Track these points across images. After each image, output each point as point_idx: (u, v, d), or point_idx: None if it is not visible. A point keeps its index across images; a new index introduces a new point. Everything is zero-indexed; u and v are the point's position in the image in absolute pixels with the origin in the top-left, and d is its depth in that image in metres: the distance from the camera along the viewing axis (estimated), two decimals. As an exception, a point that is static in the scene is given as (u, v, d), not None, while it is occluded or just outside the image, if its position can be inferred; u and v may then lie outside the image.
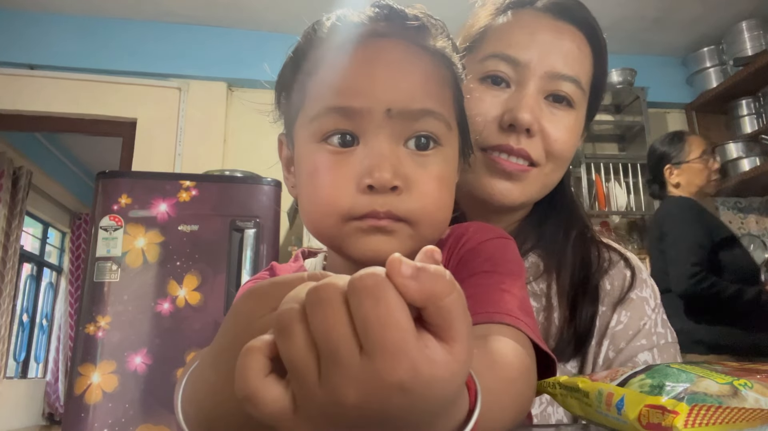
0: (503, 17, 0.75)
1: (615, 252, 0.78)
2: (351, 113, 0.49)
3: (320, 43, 0.53)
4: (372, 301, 0.24)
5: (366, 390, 0.24)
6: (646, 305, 0.74)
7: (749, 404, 0.32)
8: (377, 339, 0.24)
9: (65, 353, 5.73)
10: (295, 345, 0.25)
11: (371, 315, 0.24)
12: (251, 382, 0.26)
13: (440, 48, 0.53)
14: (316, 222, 0.51)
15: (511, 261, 0.53)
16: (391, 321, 0.24)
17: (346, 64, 0.50)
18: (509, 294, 0.47)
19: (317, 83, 0.52)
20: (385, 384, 0.24)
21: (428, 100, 0.50)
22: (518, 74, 0.72)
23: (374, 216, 0.48)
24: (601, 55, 0.76)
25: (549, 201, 0.79)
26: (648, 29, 3.29)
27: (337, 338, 0.24)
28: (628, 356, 0.70)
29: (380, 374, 0.24)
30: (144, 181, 2.22)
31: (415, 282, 0.24)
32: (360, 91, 0.49)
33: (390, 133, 0.49)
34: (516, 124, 0.69)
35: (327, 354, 0.25)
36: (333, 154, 0.50)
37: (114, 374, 2.01)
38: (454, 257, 0.54)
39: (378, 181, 0.47)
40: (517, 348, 0.42)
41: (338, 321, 0.24)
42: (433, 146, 0.51)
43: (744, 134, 3.26)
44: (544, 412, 0.68)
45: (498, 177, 0.71)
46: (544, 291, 0.73)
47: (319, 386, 0.25)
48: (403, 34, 0.52)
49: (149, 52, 3.13)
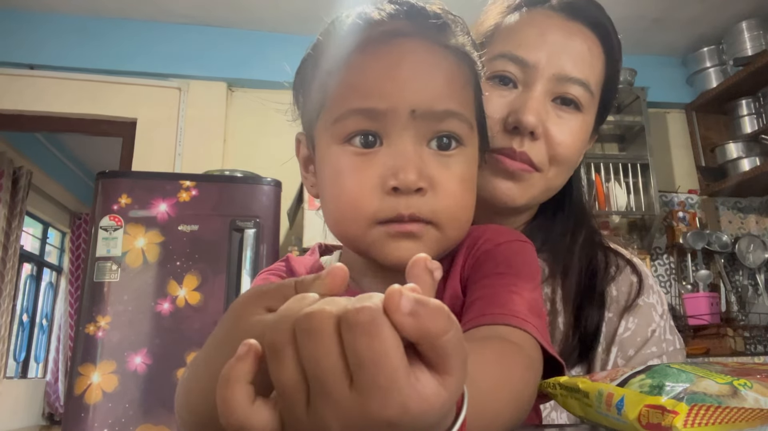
0: (514, 16, 0.73)
1: (621, 258, 0.77)
2: (375, 114, 0.49)
3: (341, 41, 0.53)
4: (366, 339, 0.23)
5: (352, 424, 0.24)
6: (654, 311, 0.73)
7: (749, 404, 0.32)
8: (369, 376, 0.23)
9: (65, 353, 5.72)
10: (286, 370, 0.25)
11: (365, 353, 0.23)
12: (239, 413, 0.25)
13: (461, 46, 0.53)
14: (341, 226, 0.51)
15: (525, 264, 0.53)
16: (385, 360, 0.23)
17: (369, 64, 0.50)
18: (518, 296, 0.47)
19: (340, 84, 0.51)
20: (373, 420, 0.24)
21: (451, 100, 0.50)
22: (526, 75, 0.70)
23: (399, 220, 0.48)
24: (613, 57, 0.75)
25: (557, 204, 0.77)
26: (648, 29, 3.28)
27: (326, 370, 0.24)
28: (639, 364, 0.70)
29: (369, 410, 0.24)
30: (144, 181, 2.22)
31: (412, 319, 0.24)
32: (385, 93, 0.49)
33: (414, 134, 0.49)
34: (520, 126, 0.68)
35: (316, 383, 0.24)
36: (356, 156, 0.49)
37: (114, 374, 2.01)
38: (470, 258, 0.53)
39: (403, 182, 0.47)
40: (519, 347, 0.42)
41: (329, 353, 0.24)
42: (455, 146, 0.51)
43: (744, 134, 3.25)
44: (548, 417, 0.67)
45: (500, 176, 0.70)
46: (549, 295, 0.72)
47: (306, 413, 0.25)
48: (425, 33, 0.51)
49: (149, 52, 3.13)
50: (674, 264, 3.24)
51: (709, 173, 3.33)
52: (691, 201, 3.36)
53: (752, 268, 3.19)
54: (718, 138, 3.39)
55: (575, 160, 0.74)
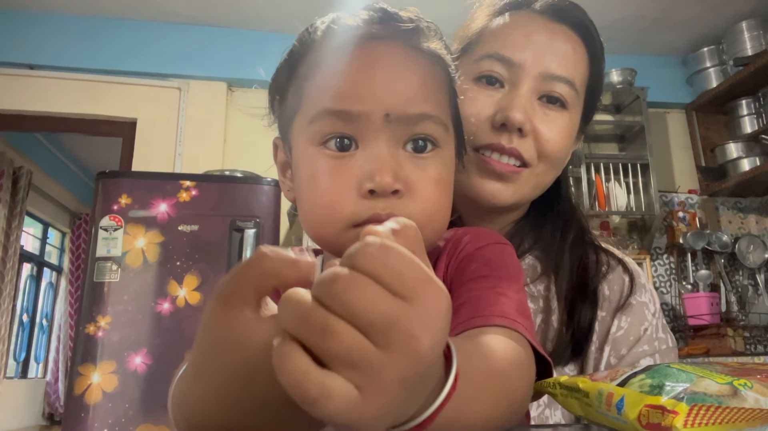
0: (500, 19, 0.75)
1: (613, 257, 0.77)
2: (349, 117, 0.49)
3: (316, 46, 0.53)
4: (399, 257, 0.26)
5: (433, 326, 0.25)
6: (646, 310, 0.74)
7: (749, 404, 0.32)
8: (422, 291, 0.26)
9: (65, 353, 5.72)
10: (345, 334, 0.25)
11: (408, 271, 0.26)
12: (316, 380, 0.25)
13: (435, 50, 0.53)
14: (317, 229, 0.51)
15: (508, 266, 0.53)
16: (415, 264, 0.26)
17: (343, 66, 0.50)
18: (505, 297, 0.47)
19: (315, 86, 0.51)
20: (444, 311, 0.26)
21: (426, 103, 0.50)
22: (512, 74, 0.72)
23: (376, 220, 0.47)
24: (597, 58, 0.76)
25: (546, 202, 0.78)
26: (648, 29, 3.28)
27: (382, 301, 0.25)
28: (630, 362, 0.70)
29: (436, 306, 0.26)
30: (144, 181, 2.22)
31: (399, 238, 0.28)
32: (358, 95, 0.49)
33: (389, 137, 0.49)
34: (508, 123, 0.69)
35: (379, 320, 0.25)
36: (332, 159, 0.49)
37: (114, 374, 2.01)
38: (453, 263, 0.54)
39: (379, 184, 0.47)
40: (510, 344, 0.42)
41: (369, 285, 0.25)
42: (431, 149, 0.51)
43: (744, 134, 3.25)
44: (542, 415, 0.67)
45: (488, 177, 0.71)
46: (542, 293, 0.73)
47: (386, 355, 0.25)
48: (398, 37, 0.52)
49: (149, 52, 3.13)
50: (674, 264, 3.24)
51: (709, 173, 3.33)
52: (691, 201, 3.36)
53: (752, 268, 3.19)
54: (718, 138, 3.39)
55: (563, 157, 0.75)
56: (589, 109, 0.79)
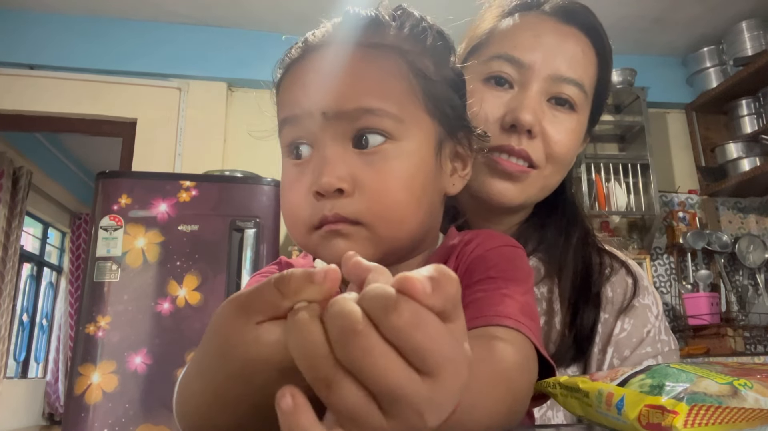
0: (509, 20, 0.75)
1: (616, 260, 0.78)
2: (296, 121, 0.51)
3: (286, 62, 0.56)
4: (413, 328, 0.24)
5: (443, 407, 0.25)
6: (649, 312, 0.74)
7: (749, 404, 0.32)
8: (431, 354, 0.24)
9: (65, 353, 5.72)
10: (350, 395, 0.24)
11: (418, 338, 0.24)
12: None
13: (386, 42, 0.52)
14: (292, 235, 0.53)
15: (517, 268, 0.53)
16: (441, 336, 0.25)
17: (290, 78, 0.54)
18: (510, 299, 0.47)
19: (278, 100, 0.55)
20: (455, 391, 0.25)
21: (365, 97, 0.49)
22: (521, 75, 0.71)
23: (327, 221, 0.48)
24: (605, 61, 0.76)
25: (550, 204, 0.78)
26: (648, 29, 3.28)
27: (397, 373, 0.24)
28: (633, 364, 0.70)
29: (453, 385, 0.25)
30: (144, 181, 2.23)
31: (437, 293, 0.25)
32: (297, 99, 0.51)
33: (332, 135, 0.49)
34: (517, 125, 0.69)
35: (388, 391, 0.24)
36: (294, 167, 0.52)
37: (114, 374, 2.01)
38: (461, 264, 0.54)
39: (321, 186, 0.48)
40: (513, 344, 0.42)
41: (387, 354, 0.24)
42: (382, 142, 0.49)
43: (744, 134, 3.25)
44: (544, 416, 0.68)
45: (498, 177, 0.71)
46: (545, 295, 0.73)
47: (388, 422, 0.24)
48: (345, 37, 0.53)
49: (149, 52, 3.13)
50: (674, 265, 3.24)
51: (709, 173, 3.33)
52: (691, 201, 3.36)
53: (752, 268, 3.18)
54: (718, 138, 3.39)
55: (570, 159, 0.75)
56: (597, 111, 0.79)
